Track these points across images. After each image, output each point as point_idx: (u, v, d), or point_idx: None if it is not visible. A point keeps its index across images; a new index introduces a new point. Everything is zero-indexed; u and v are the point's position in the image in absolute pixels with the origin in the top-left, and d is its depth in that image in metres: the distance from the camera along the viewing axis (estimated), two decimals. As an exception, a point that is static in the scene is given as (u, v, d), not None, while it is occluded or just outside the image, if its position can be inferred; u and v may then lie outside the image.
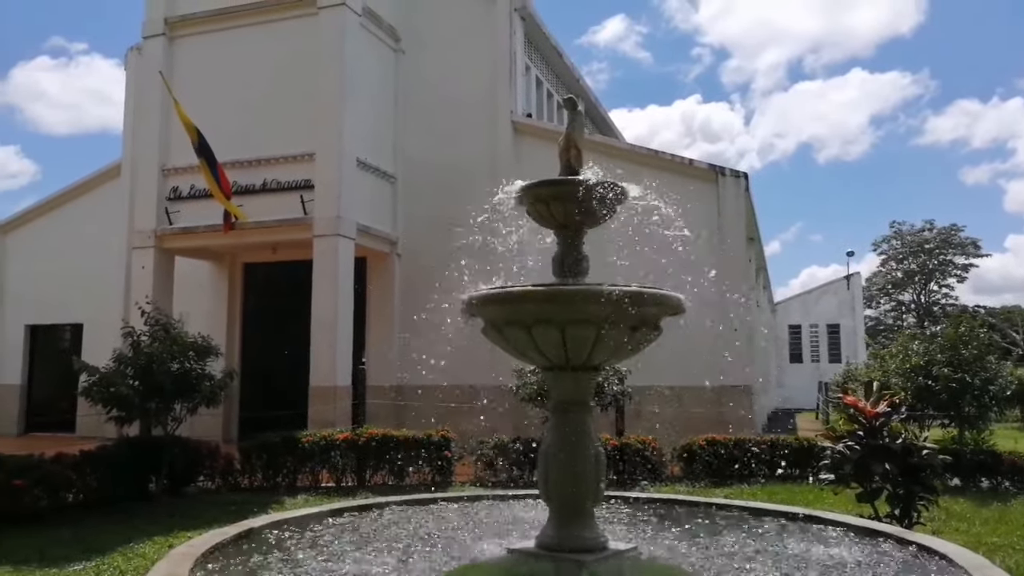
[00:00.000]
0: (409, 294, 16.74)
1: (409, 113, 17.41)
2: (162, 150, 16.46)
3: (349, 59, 15.46)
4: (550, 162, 15.38)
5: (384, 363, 16.20)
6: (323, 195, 15.16)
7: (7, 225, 21.00)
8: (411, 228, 17.10)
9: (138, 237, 16.61)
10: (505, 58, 17.01)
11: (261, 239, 16.12)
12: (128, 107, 19.30)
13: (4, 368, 20.17)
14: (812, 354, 36.78)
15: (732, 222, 15.20)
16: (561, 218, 5.34)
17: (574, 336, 4.73)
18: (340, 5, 15.36)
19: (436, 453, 10.97)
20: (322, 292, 15.00)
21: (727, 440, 11.49)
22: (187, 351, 9.63)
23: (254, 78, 15.96)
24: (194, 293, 17.48)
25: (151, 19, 16.81)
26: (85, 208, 20.12)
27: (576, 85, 22.31)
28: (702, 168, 15.65)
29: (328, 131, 15.26)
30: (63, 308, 19.66)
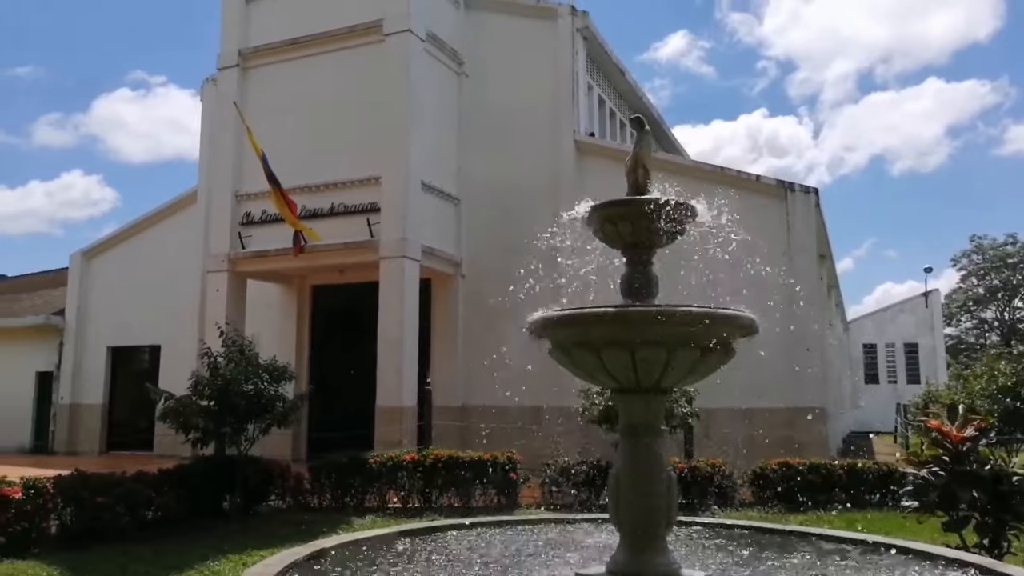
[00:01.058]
0: (473, 315, 16.83)
1: (472, 135, 17.60)
2: (235, 176, 17.02)
3: (414, 84, 15.74)
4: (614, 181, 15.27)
5: (449, 383, 16.30)
6: (389, 218, 15.41)
7: (91, 251, 21.97)
8: (474, 249, 17.22)
9: (212, 261, 17.17)
10: (567, 78, 17.05)
11: (329, 262, 16.46)
12: (204, 136, 20.06)
13: (87, 389, 21.03)
14: (889, 375, 35.47)
15: (802, 239, 14.82)
16: (630, 238, 5.27)
17: (644, 358, 4.64)
18: (405, 32, 15.68)
19: (502, 475, 10.92)
20: (388, 313, 15.19)
21: (801, 464, 11.11)
22: (261, 373, 9.85)
23: (322, 104, 16.39)
24: (264, 315, 17.95)
25: (226, 51, 17.47)
26: (163, 234, 20.94)
27: (639, 103, 22.21)
28: (770, 184, 15.33)
29: (393, 155, 15.53)
30: (142, 330, 20.42)
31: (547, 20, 17.44)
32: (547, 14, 17.45)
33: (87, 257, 21.91)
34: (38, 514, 7.95)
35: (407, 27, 15.69)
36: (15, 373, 22.03)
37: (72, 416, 20.94)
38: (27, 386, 22.11)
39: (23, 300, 24.80)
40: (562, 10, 17.27)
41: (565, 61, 17.13)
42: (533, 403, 14.99)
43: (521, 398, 14.90)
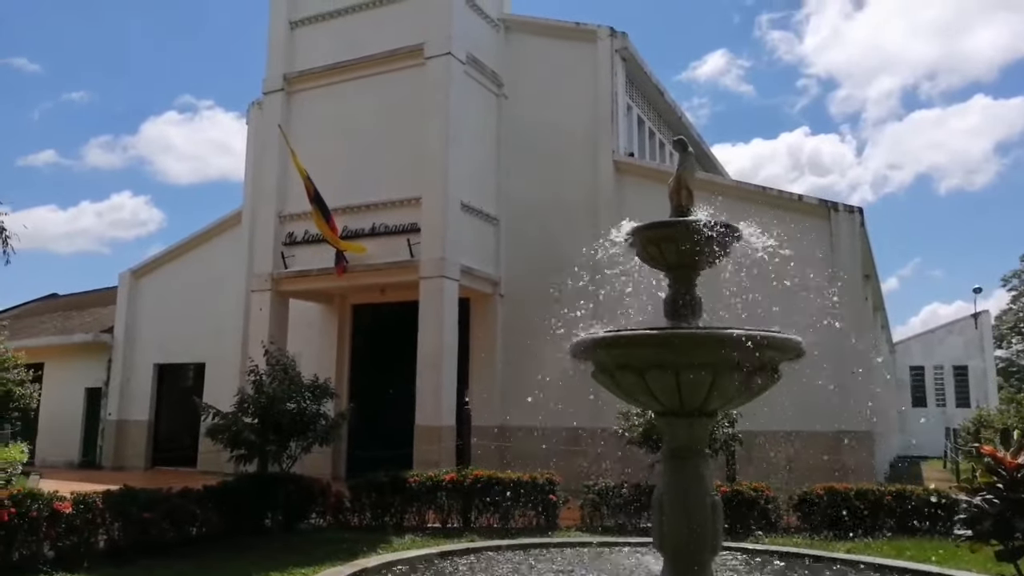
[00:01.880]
0: (511, 334, 16.84)
1: (511, 155, 17.72)
2: (279, 197, 17.34)
3: (454, 106, 15.92)
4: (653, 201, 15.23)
5: (487, 403, 16.30)
6: (429, 238, 15.54)
7: (139, 271, 22.51)
8: (513, 269, 17.27)
9: (256, 280, 17.48)
10: (607, 98, 17.09)
11: (370, 281, 16.64)
12: (249, 158, 20.50)
13: (134, 405, 21.47)
14: (937, 398, 34.55)
15: (847, 259, 14.57)
16: (673, 260, 5.26)
17: (689, 381, 4.61)
18: (446, 55, 15.89)
19: (541, 496, 10.85)
20: (427, 332, 15.28)
21: (848, 489, 10.85)
22: (303, 391, 9.98)
23: (364, 126, 16.65)
24: (305, 333, 18.19)
25: (271, 76, 17.88)
26: (208, 253, 21.39)
27: (678, 123, 22.15)
28: (813, 204, 15.13)
29: (434, 176, 15.69)
30: (187, 348, 20.82)
31: (586, 42, 17.53)
32: (586, 36, 17.55)
33: (135, 276, 22.44)
34: (87, 528, 8.11)
35: (448, 50, 15.90)
36: (66, 389, 22.59)
37: (119, 432, 21.38)
38: (77, 402, 22.66)
39: (74, 318, 25.48)
40: (601, 32, 17.35)
41: (604, 82, 17.18)
42: (572, 424, 14.92)
43: (560, 419, 14.86)
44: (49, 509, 7.76)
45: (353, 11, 17.32)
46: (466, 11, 16.81)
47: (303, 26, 17.96)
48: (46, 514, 7.72)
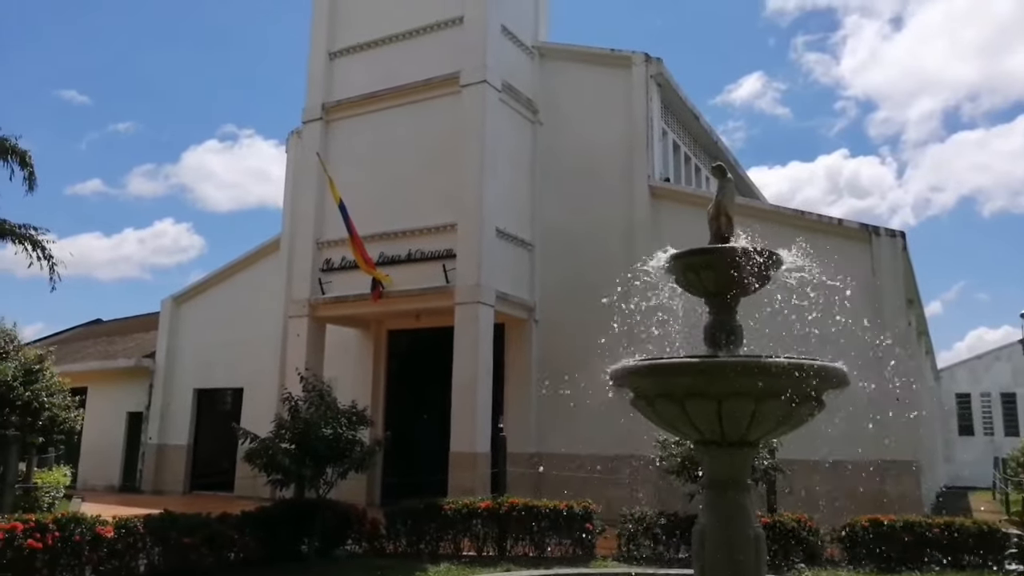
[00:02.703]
0: (546, 360, 16.77)
1: (546, 181, 17.78)
2: (317, 224, 17.58)
3: (489, 133, 16.05)
4: (689, 225, 15.19)
5: (522, 429, 16.22)
6: (464, 264, 15.61)
7: (180, 297, 22.93)
8: (548, 294, 17.25)
9: (294, 306, 17.68)
10: (642, 124, 17.10)
11: (405, 307, 16.73)
12: (288, 186, 20.84)
13: (174, 429, 21.76)
14: (985, 426, 33.55)
15: (889, 284, 14.30)
16: (713, 287, 5.21)
17: (730, 411, 4.54)
18: (482, 83, 16.06)
19: (577, 525, 10.72)
20: (463, 358, 15.29)
21: (893, 521, 10.54)
22: (340, 417, 10.01)
23: (400, 153, 16.86)
24: (341, 358, 18.32)
25: (311, 105, 18.23)
26: (247, 280, 21.72)
27: (714, 147, 22.07)
28: (853, 228, 14.90)
29: (469, 202, 15.79)
30: (226, 373, 21.09)
31: (621, 68, 17.59)
32: (621, 62, 17.61)
33: (177, 302, 22.85)
34: (129, 553, 8.20)
35: (483, 78, 16.07)
36: (108, 414, 22.99)
37: (159, 456, 21.66)
38: (118, 426, 23.04)
39: (117, 343, 26.01)
40: (636, 58, 17.41)
41: (639, 108, 17.20)
42: (607, 451, 14.77)
43: (595, 446, 14.74)
44: (92, 533, 7.87)
45: (390, 41, 17.62)
46: (501, 40, 17.00)
47: (341, 56, 18.32)
48: (89, 538, 7.83)
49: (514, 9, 17.73)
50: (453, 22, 16.83)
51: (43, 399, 13.61)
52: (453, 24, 16.84)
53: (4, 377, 13.28)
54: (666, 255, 5.43)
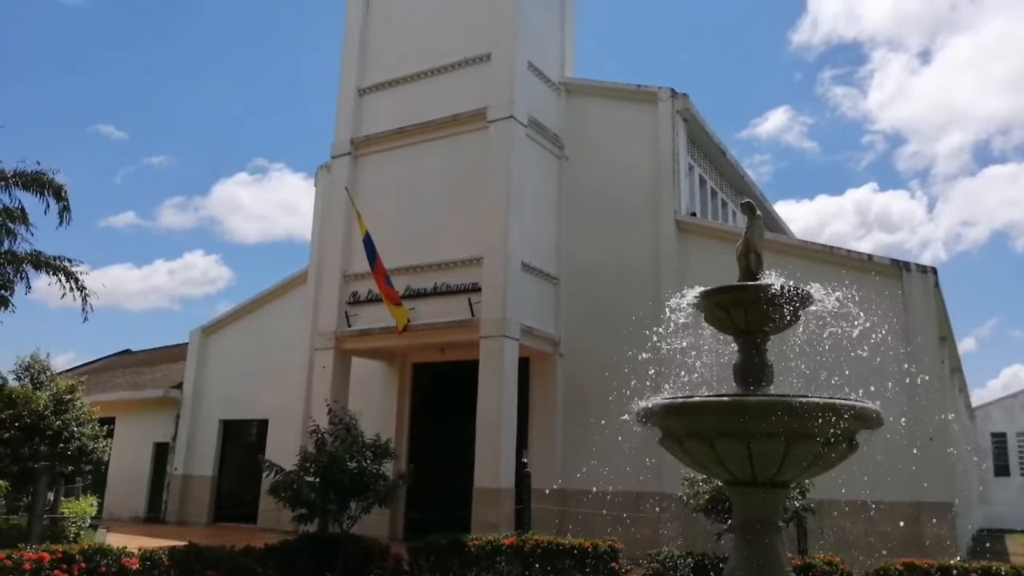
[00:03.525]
0: (572, 394, 16.68)
1: (572, 215, 17.82)
2: (344, 258, 17.74)
3: (515, 168, 16.16)
4: (716, 260, 15.09)
5: (546, 465, 16.08)
6: (490, 298, 15.62)
7: (209, 328, 23.16)
8: (574, 328, 17.19)
9: (320, 339, 17.78)
10: (668, 159, 17.12)
11: (431, 340, 16.75)
12: (316, 220, 21.09)
13: (199, 460, 21.85)
14: (1022, 466, 32.64)
15: (921, 321, 14.06)
16: (742, 325, 5.15)
17: (761, 451, 4.46)
18: (508, 119, 16.22)
19: (603, 564, 10.53)
20: (487, 392, 15.23)
21: (929, 564, 10.23)
22: (365, 451, 10.00)
23: (427, 188, 17.02)
24: (366, 391, 18.34)
25: (340, 140, 18.51)
26: (275, 312, 21.91)
27: (740, 182, 22.03)
28: (884, 264, 14.72)
29: (495, 236, 15.86)
30: (251, 404, 21.20)
31: (647, 104, 17.67)
32: (647, 98, 17.70)
33: (205, 333, 23.08)
34: (153, 585, 8.19)
35: (510, 114, 16.23)
36: (135, 444, 23.16)
37: (184, 487, 21.73)
38: (145, 457, 23.19)
39: (145, 374, 26.29)
40: (662, 93, 17.49)
41: (665, 143, 17.24)
42: (633, 488, 14.58)
43: (621, 482, 14.53)
44: (117, 565, 7.89)
45: (418, 78, 17.89)
46: (528, 76, 17.19)
47: (370, 93, 18.62)
48: (114, 570, 7.84)
49: (541, 46, 17.95)
50: (480, 59, 17.07)
51: (73, 429, 13.77)
52: (480, 61, 17.08)
53: (36, 407, 13.47)
54: (695, 292, 5.38)
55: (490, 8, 17.16)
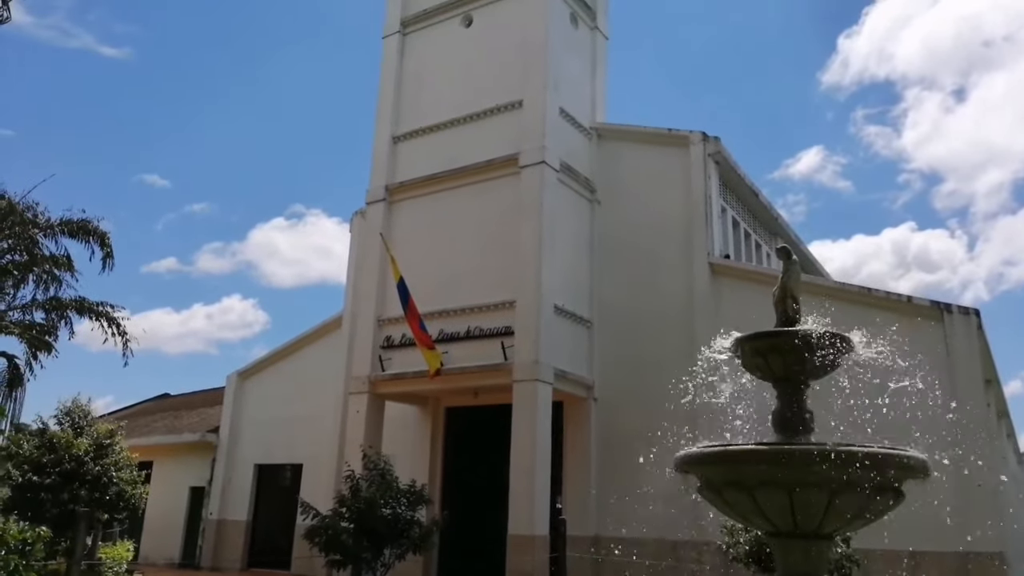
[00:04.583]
0: (606, 439, 16.49)
1: (605, 258, 17.83)
2: (379, 302, 17.90)
3: (547, 212, 16.27)
4: (751, 302, 14.90)
5: (581, 512, 15.83)
6: (522, 341, 15.61)
7: (245, 373, 23.40)
8: (607, 372, 17.06)
9: (354, 383, 17.86)
10: (700, 202, 17.11)
11: (464, 384, 16.73)
12: (351, 264, 21.34)
13: (234, 505, 21.88)
14: (1076, 515, 31.34)
15: (964, 364, 13.71)
16: (781, 371, 5.08)
17: (803, 501, 4.35)
18: (540, 164, 16.38)
19: (641, 615, 10.31)
20: (521, 437, 15.12)
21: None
22: (399, 497, 9.97)
23: (460, 233, 17.18)
24: (400, 435, 18.31)
25: (375, 187, 18.83)
26: (310, 356, 22.09)
27: (774, 223, 21.91)
28: (924, 305, 14.44)
29: (528, 280, 15.90)
30: (286, 449, 21.25)
31: (679, 147, 17.74)
32: (678, 141, 17.78)
33: (242, 377, 23.31)
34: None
35: (542, 159, 16.40)
36: (172, 488, 23.29)
37: (219, 531, 21.75)
38: (181, 501, 23.30)
39: (183, 418, 26.57)
40: (693, 137, 17.57)
41: (698, 186, 17.25)
42: (671, 536, 14.30)
43: (658, 530, 14.25)
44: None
45: (451, 125, 18.20)
46: (560, 122, 17.40)
47: (404, 140, 18.97)
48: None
49: (572, 92, 18.18)
50: (513, 106, 17.33)
51: (112, 474, 13.93)
52: (513, 108, 17.34)
53: (77, 452, 13.67)
54: (732, 338, 5.33)
55: (522, 56, 17.47)
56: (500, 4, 18.39)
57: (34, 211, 17.34)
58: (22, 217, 17.10)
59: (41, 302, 17.77)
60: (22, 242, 17.32)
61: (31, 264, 17.53)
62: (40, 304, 17.80)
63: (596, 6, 19.97)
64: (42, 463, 13.84)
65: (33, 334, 17.39)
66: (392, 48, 19.83)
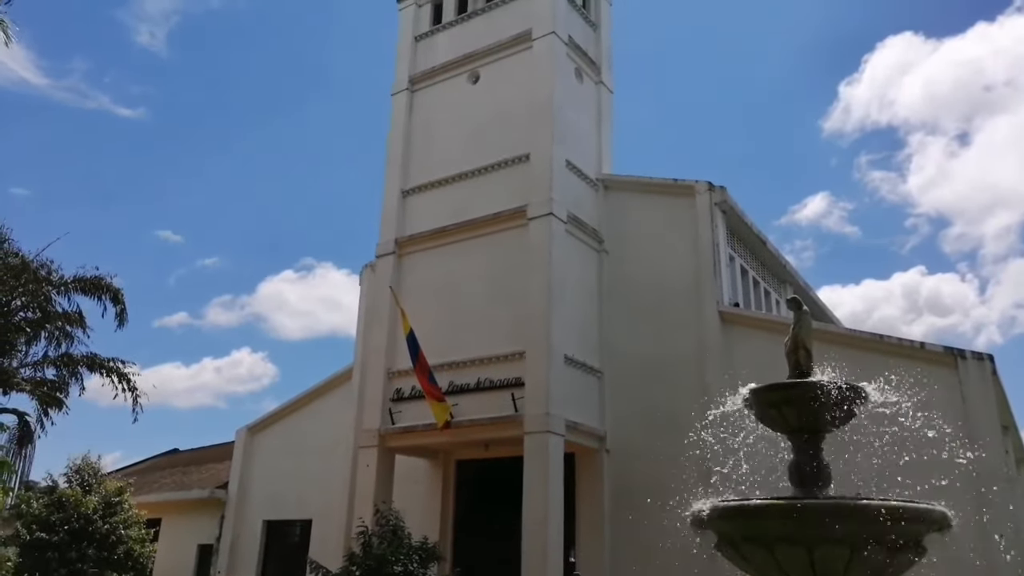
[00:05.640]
0: (620, 492, 16.27)
1: (614, 308, 17.83)
2: (388, 355, 17.88)
3: (556, 263, 16.35)
4: (762, 351, 14.81)
5: (595, 566, 15.56)
6: (533, 392, 15.54)
7: (254, 427, 23.27)
8: (619, 423, 16.93)
9: (364, 436, 17.75)
10: (708, 251, 17.18)
11: (474, 437, 16.60)
12: (360, 317, 21.38)
13: (242, 562, 21.54)
14: (1103, 564, 30.49)
15: (980, 411, 13.56)
16: (795, 423, 5.05)
17: (824, 557, 4.29)
18: (548, 216, 16.54)
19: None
20: (533, 491, 14.93)
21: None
22: (411, 554, 9.84)
23: (469, 284, 17.26)
24: (411, 489, 18.10)
25: (384, 241, 18.99)
26: (319, 410, 21.97)
27: (782, 271, 21.93)
28: (937, 352, 14.34)
29: (537, 331, 15.90)
30: (295, 504, 21.00)
31: (685, 197, 17.88)
32: (685, 191, 17.94)
33: (251, 432, 23.17)
34: None
35: (549, 211, 16.56)
36: (180, 546, 23.00)
37: (226, 590, 21.39)
38: (189, 559, 22.96)
39: (192, 473, 26.38)
40: (700, 186, 17.72)
41: (705, 235, 17.34)
42: (688, 591, 13.98)
43: (674, 585, 13.94)
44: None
45: (459, 179, 18.43)
46: (566, 174, 17.60)
47: (413, 194, 19.19)
48: None
49: (578, 145, 18.44)
50: (520, 159, 17.57)
51: (120, 532, 13.81)
52: (520, 161, 17.57)
53: (85, 510, 13.58)
54: (745, 390, 5.32)
55: (528, 111, 17.77)
56: (506, 61, 18.79)
57: (48, 268, 17.57)
58: (35, 275, 17.31)
59: (53, 358, 17.88)
60: (36, 299, 17.50)
61: (44, 321, 17.68)
62: (52, 360, 17.90)
63: (601, 61, 20.38)
64: (51, 521, 13.74)
65: (44, 391, 17.45)
66: (401, 104, 20.22)
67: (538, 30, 18.28)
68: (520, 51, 18.55)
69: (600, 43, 20.61)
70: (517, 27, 18.69)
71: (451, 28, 20.24)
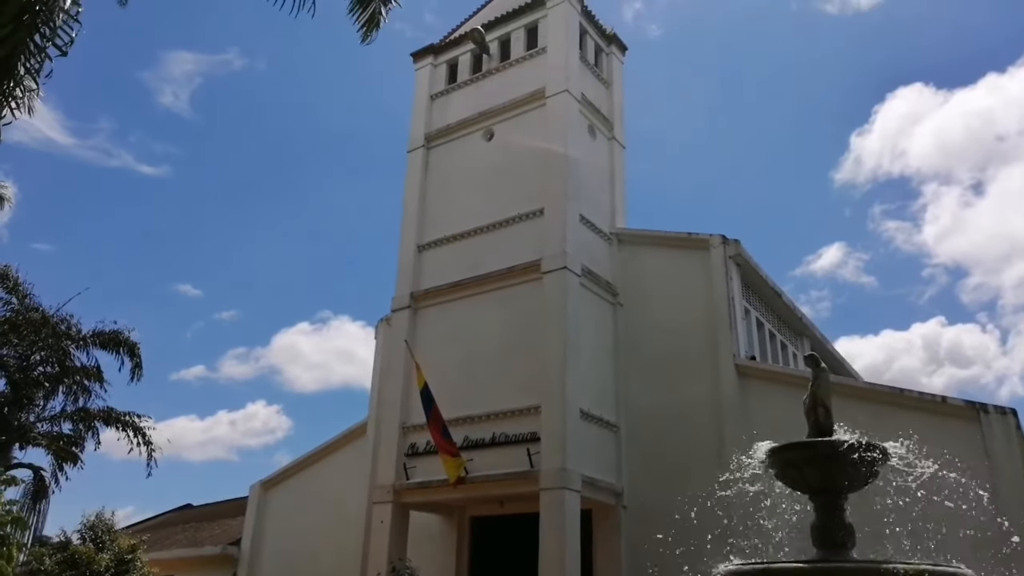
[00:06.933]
0: (637, 549, 15.93)
1: (629, 362, 17.75)
2: (403, 410, 17.81)
3: (571, 317, 16.35)
4: (780, 404, 14.63)
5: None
6: (549, 447, 15.38)
7: (268, 482, 23.08)
8: (636, 479, 16.69)
9: (378, 492, 17.57)
10: (723, 304, 17.15)
11: (490, 492, 16.40)
12: (375, 371, 21.37)
13: (254, 622, 21.16)
14: None
15: (1005, 466, 13.27)
16: (816, 483, 4.98)
17: (851, 621, 4.19)
18: (562, 269, 16.61)
19: None
20: (549, 548, 14.67)
21: None
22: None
23: (484, 338, 17.26)
24: (423, 546, 17.82)
25: (400, 295, 19.09)
26: (333, 464, 21.78)
27: (798, 323, 21.81)
28: (959, 406, 14.12)
29: (552, 385, 15.83)
30: (309, 561, 20.64)
31: (699, 250, 17.94)
32: (699, 245, 18.00)
33: (265, 487, 22.97)
34: None
35: (564, 265, 16.64)
36: (191, 605, 22.64)
37: (236, 652, 20.94)
38: (200, 619, 22.59)
39: (204, 529, 26.12)
40: (714, 240, 17.78)
41: (720, 288, 17.33)
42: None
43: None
44: None
45: (474, 233, 18.59)
46: (581, 229, 17.73)
47: (429, 249, 19.36)
48: None
49: (592, 199, 18.62)
50: (534, 214, 17.73)
51: (132, 591, 13.66)
52: (534, 216, 17.73)
53: (98, 568, 13.46)
54: (764, 448, 5.26)
55: (542, 167, 18.01)
56: (520, 118, 19.12)
57: (67, 323, 17.79)
58: (55, 330, 17.53)
59: (70, 413, 17.96)
60: (55, 354, 17.68)
61: (62, 375, 17.83)
62: (68, 415, 17.99)
63: (613, 117, 20.70)
64: (63, 580, 13.61)
65: (60, 445, 17.49)
66: (416, 161, 20.55)
67: (551, 88, 18.63)
68: (534, 108, 18.89)
69: (612, 99, 20.96)
70: (531, 85, 19.07)
71: (466, 87, 20.68)
